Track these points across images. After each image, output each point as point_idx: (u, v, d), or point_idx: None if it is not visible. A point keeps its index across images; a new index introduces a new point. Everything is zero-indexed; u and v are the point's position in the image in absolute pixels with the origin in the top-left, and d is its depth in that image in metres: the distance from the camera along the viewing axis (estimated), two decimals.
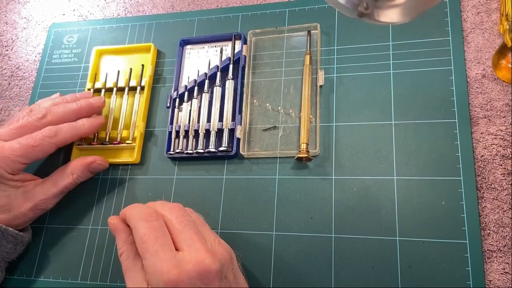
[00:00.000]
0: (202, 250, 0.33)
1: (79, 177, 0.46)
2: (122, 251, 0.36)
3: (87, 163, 0.46)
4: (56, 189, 0.45)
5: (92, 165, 0.47)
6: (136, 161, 0.49)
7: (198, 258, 0.32)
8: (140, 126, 0.50)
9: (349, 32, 0.49)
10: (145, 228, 0.34)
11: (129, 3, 0.61)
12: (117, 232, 0.38)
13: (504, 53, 0.42)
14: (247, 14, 0.54)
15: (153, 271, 0.32)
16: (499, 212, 0.39)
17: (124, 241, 0.37)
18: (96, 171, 0.48)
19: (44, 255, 0.48)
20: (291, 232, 0.43)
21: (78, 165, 0.46)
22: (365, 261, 0.40)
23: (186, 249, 0.33)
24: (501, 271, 0.37)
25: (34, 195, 0.44)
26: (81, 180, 0.47)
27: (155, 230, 0.34)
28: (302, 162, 0.45)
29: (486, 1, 0.47)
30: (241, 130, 0.47)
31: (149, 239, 0.33)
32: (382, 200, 0.41)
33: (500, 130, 0.41)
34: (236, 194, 0.45)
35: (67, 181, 0.46)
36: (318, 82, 0.47)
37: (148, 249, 0.33)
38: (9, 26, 0.65)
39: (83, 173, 0.47)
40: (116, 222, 0.38)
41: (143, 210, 0.36)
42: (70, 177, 0.46)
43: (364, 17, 0.27)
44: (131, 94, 0.53)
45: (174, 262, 0.32)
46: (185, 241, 0.34)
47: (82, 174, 0.46)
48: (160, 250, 0.32)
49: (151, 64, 0.53)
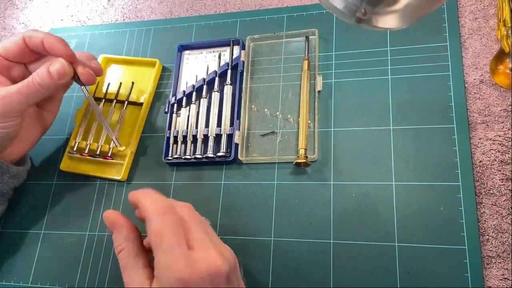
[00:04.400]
0: (213, 251, 0.33)
1: (38, 78, 0.41)
2: (122, 247, 0.35)
3: (47, 64, 0.42)
4: (14, 88, 0.41)
5: (52, 64, 0.42)
6: (123, 179, 0.49)
7: (210, 259, 0.32)
8: (132, 144, 0.49)
9: (347, 37, 0.49)
10: (162, 221, 0.33)
11: (127, 9, 0.61)
12: (117, 228, 0.36)
13: (501, 58, 0.42)
14: (245, 20, 0.54)
15: (165, 267, 0.31)
16: (498, 217, 0.39)
17: (125, 238, 0.35)
18: (56, 75, 0.42)
19: (41, 261, 0.47)
20: (290, 238, 0.42)
21: (39, 66, 0.42)
22: (364, 267, 0.40)
23: (198, 249, 0.33)
24: (500, 277, 0.37)
25: None
26: (40, 82, 0.41)
27: (171, 226, 0.33)
28: (301, 168, 0.45)
29: (483, 7, 0.47)
30: (240, 135, 0.47)
31: (165, 234, 0.32)
32: (380, 205, 0.41)
33: (498, 136, 0.41)
34: (234, 199, 0.45)
35: (26, 81, 0.41)
36: (316, 87, 0.47)
37: (163, 243, 0.32)
38: (7, 31, 0.65)
39: (42, 75, 0.41)
40: (115, 217, 0.36)
41: (160, 201, 0.34)
42: (31, 77, 0.41)
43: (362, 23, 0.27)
44: (129, 107, 0.52)
45: (188, 261, 0.31)
46: (197, 240, 0.33)
47: (40, 76, 0.41)
48: (175, 247, 0.32)
49: (154, 82, 0.53)
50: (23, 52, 0.43)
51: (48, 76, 0.41)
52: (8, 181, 0.45)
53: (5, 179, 0.45)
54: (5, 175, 0.44)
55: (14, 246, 0.48)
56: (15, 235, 0.49)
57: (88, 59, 0.46)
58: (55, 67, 0.41)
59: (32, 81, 0.41)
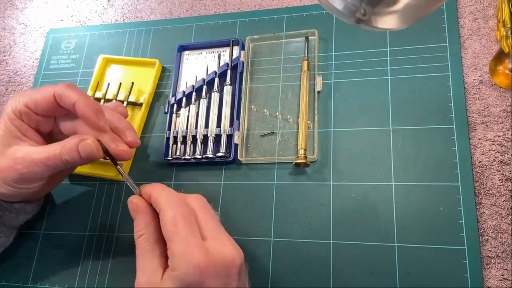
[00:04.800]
0: (228, 243, 0.34)
1: (67, 155, 0.38)
2: (143, 233, 0.35)
3: (76, 141, 0.38)
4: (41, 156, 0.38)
5: (81, 143, 0.38)
6: (123, 179, 0.49)
7: (225, 250, 0.33)
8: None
9: (346, 38, 0.49)
10: (175, 212, 0.33)
11: (127, 9, 0.61)
12: (140, 213, 0.36)
13: (501, 59, 0.42)
14: (245, 20, 0.54)
15: (182, 253, 0.31)
16: (497, 218, 0.39)
17: (147, 224, 0.35)
18: (84, 155, 0.38)
19: (41, 262, 0.47)
20: (289, 238, 0.42)
21: (73, 138, 0.39)
22: (363, 268, 0.40)
23: (213, 240, 0.33)
24: (500, 277, 0.37)
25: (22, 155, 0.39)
26: (68, 159, 0.38)
27: (185, 216, 0.33)
28: (300, 168, 0.45)
29: (483, 8, 0.47)
30: (239, 135, 0.47)
31: (180, 223, 0.33)
32: (380, 206, 0.41)
33: (497, 136, 0.41)
34: (234, 200, 0.45)
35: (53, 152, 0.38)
36: (316, 87, 0.47)
37: (178, 233, 0.32)
38: (7, 31, 0.65)
39: (71, 152, 0.38)
40: (139, 202, 0.36)
41: (172, 194, 0.35)
42: (59, 150, 0.38)
43: (362, 23, 0.27)
44: (129, 108, 0.52)
45: (203, 250, 0.32)
46: (210, 231, 0.34)
47: (69, 153, 0.38)
48: (190, 235, 0.32)
49: (153, 82, 0.53)
50: (52, 108, 0.39)
51: (77, 155, 0.38)
52: (24, 217, 0.45)
53: (20, 217, 0.45)
54: (21, 214, 0.44)
55: (13, 246, 0.48)
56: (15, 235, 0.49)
57: (124, 127, 0.41)
58: (84, 149, 0.38)
59: (60, 156, 0.38)
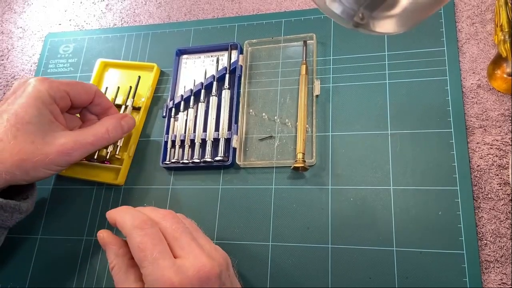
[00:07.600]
0: (201, 256, 0.33)
1: (114, 132, 0.44)
2: (114, 264, 0.35)
3: (119, 117, 0.46)
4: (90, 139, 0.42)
5: (124, 119, 0.46)
6: (121, 183, 0.48)
7: (198, 264, 0.32)
8: (131, 148, 0.49)
9: (345, 42, 0.49)
10: (141, 236, 0.33)
11: (125, 13, 0.61)
12: (108, 246, 0.36)
13: (499, 63, 0.42)
14: (243, 24, 0.54)
15: (154, 279, 0.31)
16: (496, 222, 0.39)
17: (116, 254, 0.36)
18: (127, 129, 0.46)
19: (38, 266, 0.47)
20: (288, 242, 0.42)
21: (110, 118, 0.45)
22: (362, 272, 0.39)
23: (185, 256, 0.33)
24: (499, 282, 0.37)
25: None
26: (114, 136, 0.45)
27: (152, 238, 0.33)
28: (299, 172, 0.45)
29: (480, 12, 0.47)
30: (237, 139, 0.47)
31: (146, 247, 0.32)
32: (378, 210, 0.41)
33: (496, 140, 0.41)
34: (232, 204, 0.45)
35: (100, 132, 0.43)
36: (314, 91, 0.47)
37: (146, 258, 0.32)
38: (4, 35, 0.65)
39: (117, 129, 0.45)
40: (106, 235, 0.37)
41: (137, 216, 0.34)
42: (104, 129, 0.44)
43: (360, 27, 0.27)
44: None
45: (175, 269, 0.31)
46: (182, 248, 0.33)
47: (116, 131, 0.44)
48: (159, 258, 0.32)
49: (151, 86, 0.53)
50: (87, 102, 0.46)
51: (121, 130, 0.45)
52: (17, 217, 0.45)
53: (14, 216, 0.44)
54: (15, 213, 0.44)
55: (10, 251, 0.48)
56: (11, 239, 0.49)
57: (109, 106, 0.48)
58: (129, 123, 0.46)
59: (108, 134, 0.44)
